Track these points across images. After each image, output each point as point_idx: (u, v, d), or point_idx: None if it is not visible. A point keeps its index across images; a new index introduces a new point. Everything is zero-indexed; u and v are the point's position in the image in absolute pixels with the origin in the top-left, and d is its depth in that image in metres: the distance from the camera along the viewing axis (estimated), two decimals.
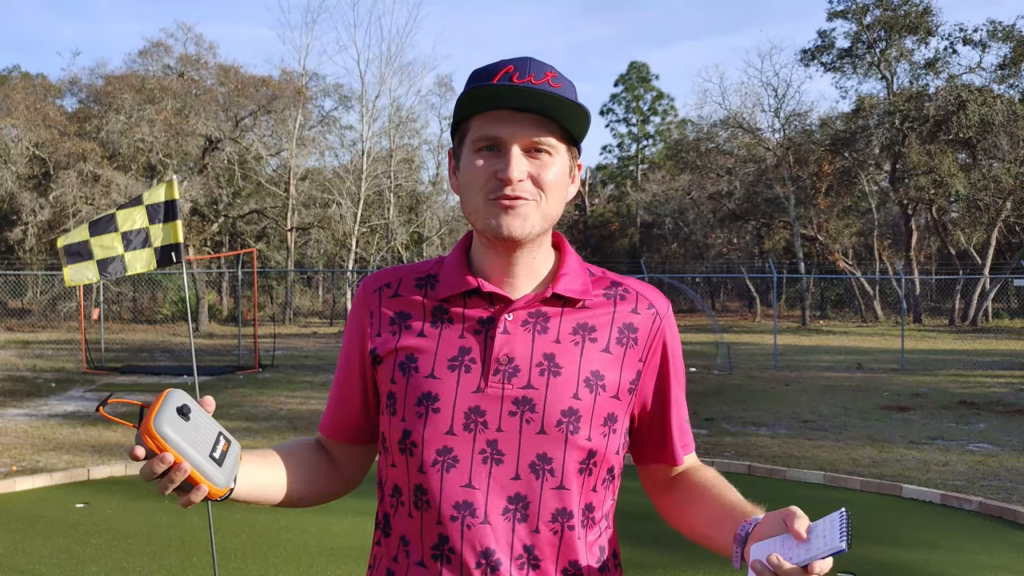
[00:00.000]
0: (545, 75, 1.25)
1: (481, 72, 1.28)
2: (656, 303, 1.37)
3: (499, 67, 1.26)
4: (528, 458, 1.24)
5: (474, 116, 1.27)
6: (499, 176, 1.24)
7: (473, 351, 1.27)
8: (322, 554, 5.07)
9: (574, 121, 1.26)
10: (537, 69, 1.25)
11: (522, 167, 1.24)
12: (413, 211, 37.65)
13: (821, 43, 34.27)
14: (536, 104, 1.22)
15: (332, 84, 35.39)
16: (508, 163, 1.23)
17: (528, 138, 1.24)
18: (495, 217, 1.25)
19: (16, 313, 26.98)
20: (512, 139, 1.24)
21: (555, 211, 1.29)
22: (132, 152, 29.38)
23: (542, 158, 1.26)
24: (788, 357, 17.90)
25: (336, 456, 1.43)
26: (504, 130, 1.24)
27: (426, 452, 1.25)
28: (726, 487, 1.35)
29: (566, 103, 1.22)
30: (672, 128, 47.12)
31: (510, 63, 1.26)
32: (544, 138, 1.25)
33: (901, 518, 5.98)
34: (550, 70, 1.26)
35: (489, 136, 1.25)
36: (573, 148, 1.32)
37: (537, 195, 1.26)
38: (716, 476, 1.40)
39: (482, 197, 1.26)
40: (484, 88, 1.23)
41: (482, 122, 1.25)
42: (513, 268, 1.30)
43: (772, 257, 36.10)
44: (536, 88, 1.22)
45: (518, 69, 1.24)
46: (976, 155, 30.41)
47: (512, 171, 1.23)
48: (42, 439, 8.60)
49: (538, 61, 1.27)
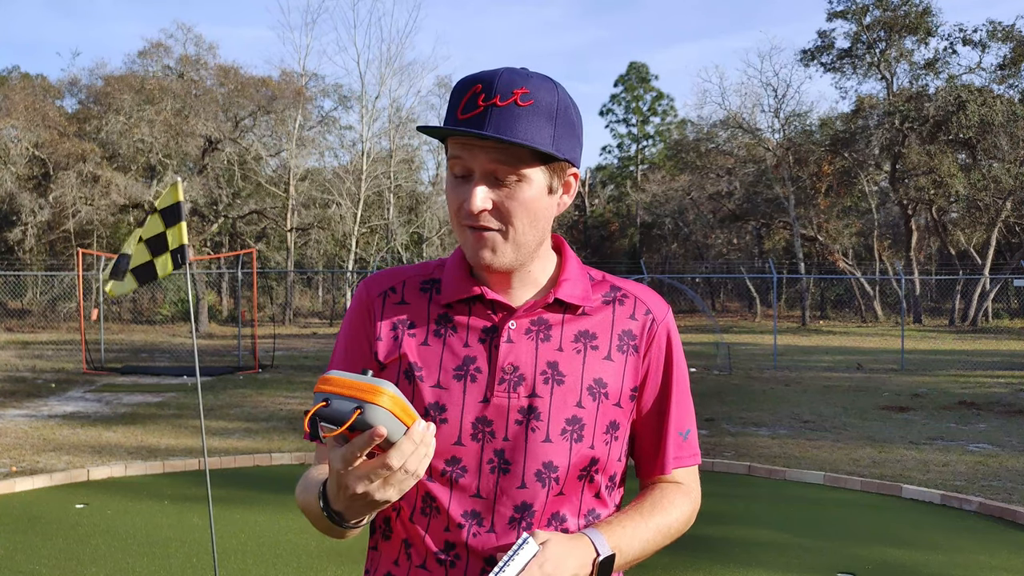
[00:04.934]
0: (513, 93, 1.19)
1: (456, 89, 1.24)
2: (654, 308, 1.36)
3: (469, 85, 1.22)
4: (534, 467, 1.24)
5: (447, 137, 1.25)
6: (465, 207, 1.23)
7: (478, 360, 1.27)
8: (322, 554, 5.07)
9: (541, 141, 1.20)
10: (505, 87, 1.19)
11: (483, 197, 1.21)
12: (413, 212, 37.64)
13: (821, 43, 34.27)
14: (495, 129, 1.18)
15: (332, 84, 35.46)
16: (470, 194, 1.22)
17: (488, 167, 1.21)
18: (471, 249, 1.25)
19: (16, 314, 26.97)
20: (475, 167, 1.22)
21: (530, 237, 1.25)
22: (132, 153, 29.37)
23: (509, 185, 1.22)
24: (788, 357, 17.90)
25: None
26: (465, 156, 1.22)
27: (434, 462, 1.25)
28: (654, 508, 1.31)
29: (529, 125, 1.19)
30: (672, 128, 47.10)
31: (479, 81, 1.21)
32: (502, 167, 1.21)
33: (901, 518, 5.98)
34: (520, 86, 1.20)
35: (457, 162, 1.24)
36: (556, 163, 1.25)
37: (501, 226, 1.23)
38: (666, 498, 1.34)
39: (458, 225, 1.26)
40: (435, 127, 1.22)
41: (452, 145, 1.24)
42: (511, 280, 1.30)
43: (772, 257, 36.12)
44: (499, 109, 1.18)
45: (485, 89, 1.20)
46: (976, 155, 30.41)
47: (473, 202, 1.21)
48: (42, 440, 8.60)
49: (510, 75, 1.21)
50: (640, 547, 1.27)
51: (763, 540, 5.46)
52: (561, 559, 1.16)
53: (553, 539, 1.17)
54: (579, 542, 1.20)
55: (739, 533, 5.58)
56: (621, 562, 1.25)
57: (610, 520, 1.28)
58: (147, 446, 8.29)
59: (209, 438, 8.42)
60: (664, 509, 1.32)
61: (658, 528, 1.30)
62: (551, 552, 1.16)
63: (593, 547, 1.21)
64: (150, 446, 8.29)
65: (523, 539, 1.15)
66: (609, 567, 1.22)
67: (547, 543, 1.16)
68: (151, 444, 8.39)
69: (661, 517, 1.31)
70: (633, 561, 1.28)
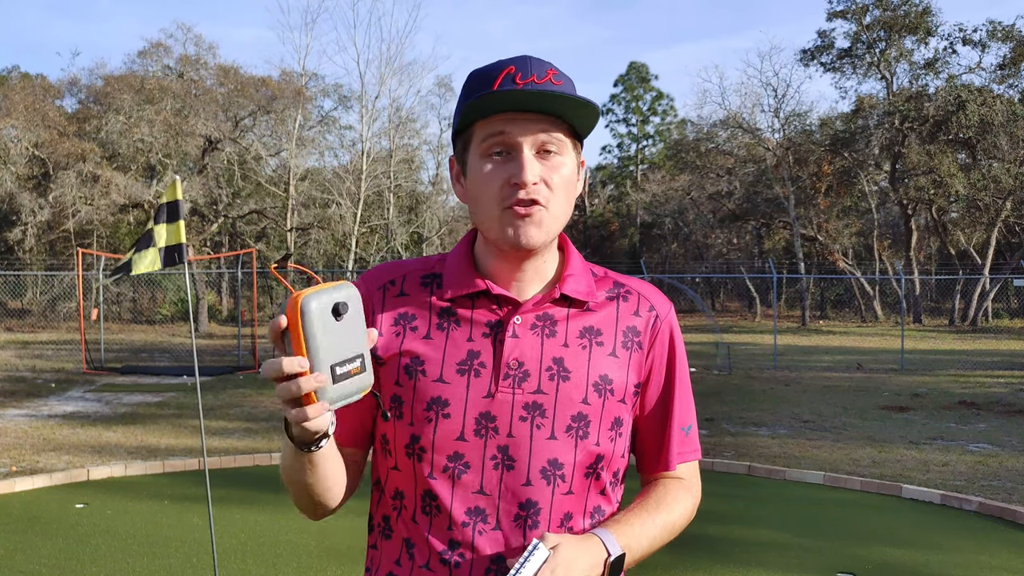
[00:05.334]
0: (547, 73, 1.22)
1: (481, 76, 1.24)
2: (657, 305, 1.35)
3: (499, 69, 1.22)
4: (539, 464, 1.23)
5: (478, 121, 1.24)
6: (513, 181, 1.21)
7: (483, 355, 1.25)
8: (322, 554, 5.07)
9: (580, 118, 1.24)
10: (538, 68, 1.22)
11: (535, 170, 1.21)
12: (413, 211, 37.62)
13: (821, 43, 34.25)
14: (545, 104, 1.20)
15: (332, 84, 35.40)
16: (522, 166, 1.21)
17: (539, 138, 1.22)
18: (512, 227, 1.22)
19: (16, 313, 26.96)
20: (523, 141, 1.21)
21: (566, 212, 1.27)
22: (132, 152, 29.35)
23: (552, 159, 1.23)
24: (788, 357, 17.90)
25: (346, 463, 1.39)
26: (514, 132, 1.21)
27: (436, 458, 1.24)
28: (659, 506, 1.32)
29: (571, 100, 1.20)
30: (672, 128, 47.07)
31: (510, 63, 1.23)
32: (554, 134, 1.22)
33: (901, 518, 5.97)
34: (550, 67, 1.24)
35: (498, 140, 1.22)
36: (578, 145, 1.29)
37: (549, 198, 1.23)
38: (671, 495, 1.35)
39: (496, 206, 1.23)
40: (490, 95, 1.19)
41: (489, 126, 1.22)
42: (522, 273, 1.29)
43: (772, 257, 36.09)
44: (540, 88, 1.20)
45: (519, 69, 1.22)
46: (976, 155, 30.40)
47: (527, 174, 1.20)
48: (42, 439, 8.60)
49: (537, 59, 1.24)
50: (648, 544, 1.28)
51: (763, 540, 5.46)
52: (572, 562, 1.16)
53: (564, 542, 1.17)
54: (589, 543, 1.20)
55: (739, 533, 5.58)
56: (630, 560, 1.25)
57: (618, 518, 1.28)
58: (147, 446, 8.29)
59: (209, 438, 8.42)
60: (669, 506, 1.33)
61: (664, 525, 1.30)
62: (562, 556, 1.15)
63: (604, 547, 1.21)
64: (150, 446, 8.29)
65: (534, 544, 1.15)
66: (620, 566, 1.22)
67: (558, 547, 1.16)
68: (151, 444, 8.38)
69: (667, 514, 1.31)
70: (640, 558, 1.28)
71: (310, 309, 1.03)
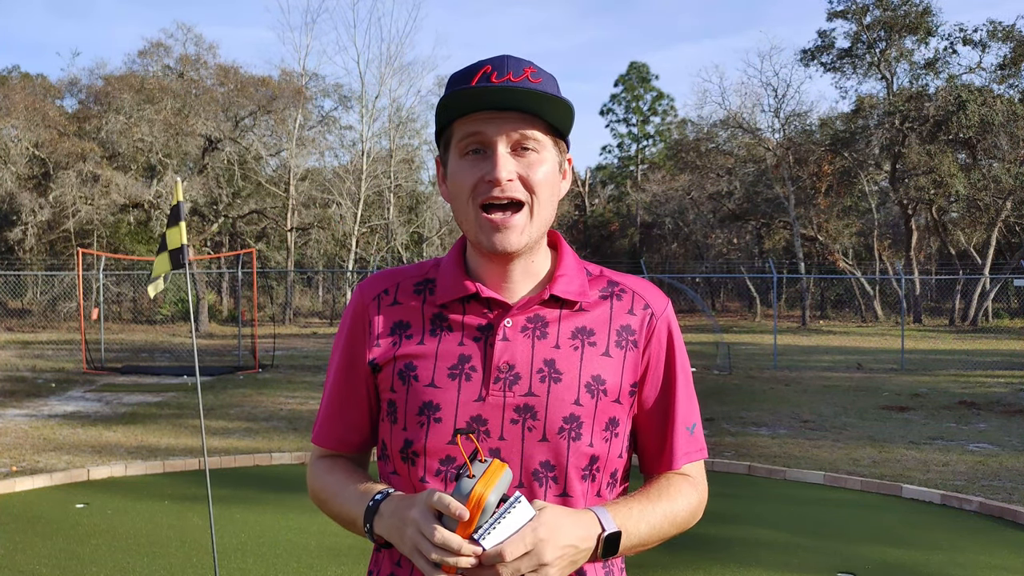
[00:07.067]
0: (524, 71, 1.22)
1: (459, 75, 1.25)
2: (652, 302, 1.34)
3: (476, 68, 1.23)
4: (531, 466, 1.23)
5: (456, 120, 1.24)
6: (487, 179, 1.21)
7: (473, 359, 1.26)
8: (322, 554, 5.07)
9: (557, 114, 1.23)
10: (515, 66, 1.23)
11: (509, 167, 1.21)
12: (413, 211, 37.62)
13: (821, 43, 34.25)
14: (517, 101, 1.20)
15: (332, 84, 35.32)
16: (495, 164, 1.21)
17: (513, 134, 1.22)
18: (486, 235, 1.23)
19: (16, 313, 26.96)
20: (497, 138, 1.21)
21: (548, 212, 1.26)
22: (132, 152, 29.35)
23: (529, 156, 1.23)
24: (788, 357, 17.89)
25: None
26: (488, 129, 1.21)
27: (429, 462, 1.25)
28: (661, 495, 1.30)
29: (547, 97, 1.20)
30: (672, 128, 47.08)
31: (487, 63, 1.23)
32: (529, 131, 1.22)
33: (901, 518, 5.97)
34: (528, 66, 1.24)
35: (474, 139, 1.22)
36: (560, 142, 1.29)
37: (527, 196, 1.23)
38: (674, 487, 1.33)
39: (472, 206, 1.23)
40: (464, 91, 1.20)
41: (465, 125, 1.23)
42: (510, 274, 1.29)
43: (772, 257, 36.10)
44: (515, 85, 1.20)
45: (496, 68, 1.22)
46: (976, 155, 30.40)
47: (499, 171, 1.20)
48: (42, 439, 8.60)
49: (515, 58, 1.24)
50: (647, 531, 1.24)
51: (763, 540, 5.46)
52: (560, 527, 1.13)
53: (553, 507, 1.15)
54: (582, 515, 1.18)
55: (739, 533, 5.58)
56: (627, 544, 1.22)
57: (616, 501, 1.26)
58: (147, 446, 8.29)
59: (209, 438, 8.41)
60: (671, 496, 1.30)
61: (665, 514, 1.28)
62: (549, 519, 1.13)
63: (598, 522, 1.18)
64: (150, 446, 8.29)
65: (515, 497, 1.12)
66: (615, 544, 1.19)
67: (545, 509, 1.14)
68: (151, 444, 8.38)
69: (668, 504, 1.29)
70: (639, 545, 1.25)
71: (489, 503, 1.10)
